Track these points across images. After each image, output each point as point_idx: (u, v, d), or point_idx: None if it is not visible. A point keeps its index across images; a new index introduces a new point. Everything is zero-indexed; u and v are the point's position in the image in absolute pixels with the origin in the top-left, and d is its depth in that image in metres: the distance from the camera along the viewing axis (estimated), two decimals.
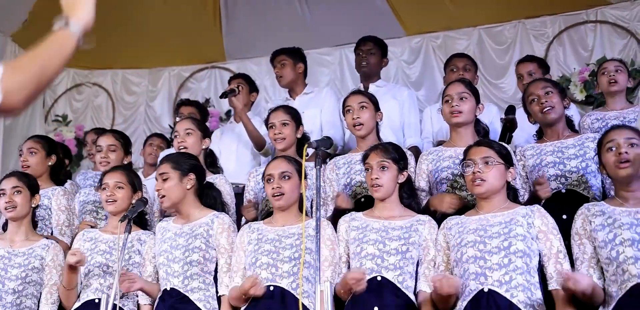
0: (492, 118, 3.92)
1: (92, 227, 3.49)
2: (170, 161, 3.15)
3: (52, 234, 3.66)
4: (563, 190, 3.12)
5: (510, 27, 5.52)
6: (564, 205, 3.01)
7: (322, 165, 2.85)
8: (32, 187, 3.36)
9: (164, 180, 3.09)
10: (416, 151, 3.88)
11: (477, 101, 3.35)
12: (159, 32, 5.99)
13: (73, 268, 3.04)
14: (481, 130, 3.42)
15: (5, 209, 3.25)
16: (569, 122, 3.40)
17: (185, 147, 3.61)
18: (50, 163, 3.85)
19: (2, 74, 1.29)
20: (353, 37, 4.91)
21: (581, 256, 2.64)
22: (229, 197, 3.48)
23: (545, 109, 3.22)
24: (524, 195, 3.16)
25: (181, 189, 3.10)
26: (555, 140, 3.26)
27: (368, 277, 2.71)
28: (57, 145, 4.12)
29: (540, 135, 3.39)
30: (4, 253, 3.21)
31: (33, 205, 3.35)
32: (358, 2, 5.56)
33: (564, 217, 2.92)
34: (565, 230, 2.73)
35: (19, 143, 5.32)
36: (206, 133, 3.77)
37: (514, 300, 2.51)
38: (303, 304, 2.65)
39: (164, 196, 3.09)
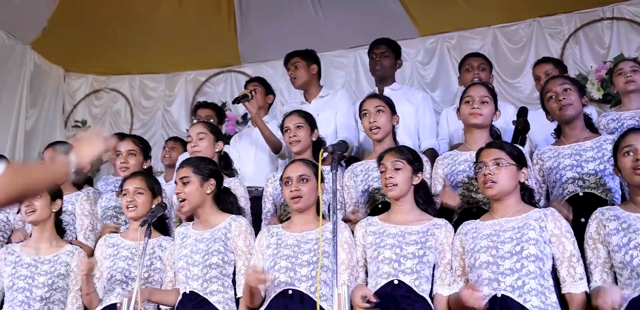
0: (508, 118, 3.90)
1: (113, 231, 3.53)
2: (191, 165, 3.18)
3: (76, 238, 3.71)
4: (581, 193, 3.10)
5: (525, 26, 5.51)
6: (582, 208, 2.98)
7: (338, 169, 2.86)
8: (55, 194, 3.41)
9: (185, 184, 3.12)
10: (432, 153, 3.89)
11: (496, 106, 3.35)
12: (174, 37, 6.05)
13: (87, 275, 3.10)
14: (494, 133, 3.41)
15: (26, 212, 3.30)
16: (588, 121, 3.36)
17: (198, 151, 3.64)
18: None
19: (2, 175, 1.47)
20: (367, 39, 4.91)
21: (595, 260, 2.64)
22: (243, 200, 3.51)
23: (563, 106, 3.21)
24: (539, 199, 3.14)
25: (201, 193, 3.12)
26: (573, 142, 3.23)
27: (385, 281, 2.74)
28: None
29: (559, 134, 3.37)
30: (30, 261, 3.26)
31: (54, 210, 3.39)
32: (371, 3, 5.56)
33: (582, 220, 2.90)
34: (583, 233, 2.72)
35: (40, 148, 5.43)
36: (219, 136, 3.80)
37: (527, 305, 2.50)
38: (321, 307, 2.68)
39: (184, 200, 3.12)
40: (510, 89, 5.38)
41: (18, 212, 3.52)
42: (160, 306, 3.16)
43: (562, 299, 2.61)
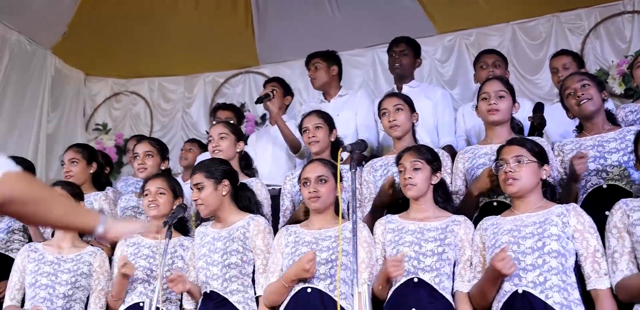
0: (525, 114, 3.87)
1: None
2: (202, 170, 3.20)
3: (95, 238, 3.75)
4: (604, 186, 3.06)
5: (544, 22, 5.45)
6: (606, 200, 2.93)
7: (357, 168, 2.85)
8: (77, 196, 3.45)
9: (199, 189, 3.14)
10: (450, 150, 3.88)
11: (514, 100, 3.32)
12: (192, 39, 6.08)
13: (126, 277, 3.12)
14: (515, 126, 3.39)
15: None
16: (610, 116, 3.32)
17: (220, 151, 3.66)
18: (91, 171, 3.94)
19: (16, 175, 1.31)
20: (385, 38, 4.90)
21: (620, 250, 2.58)
22: (265, 201, 3.53)
23: (582, 101, 3.17)
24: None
25: (217, 196, 3.15)
26: (595, 134, 3.20)
27: (405, 279, 2.72)
28: (96, 152, 4.21)
29: (580, 131, 3.33)
30: (53, 259, 3.31)
31: None
32: (388, 1, 5.54)
33: (607, 213, 2.82)
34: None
35: (61, 151, 5.49)
36: (240, 136, 3.82)
37: (549, 301, 2.47)
38: (341, 306, 2.67)
39: (201, 205, 3.14)
40: (530, 85, 5.33)
41: None
42: (184, 306, 3.18)
43: (586, 296, 2.57)
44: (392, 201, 3.23)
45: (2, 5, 5.33)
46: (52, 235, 3.52)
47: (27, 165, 4.06)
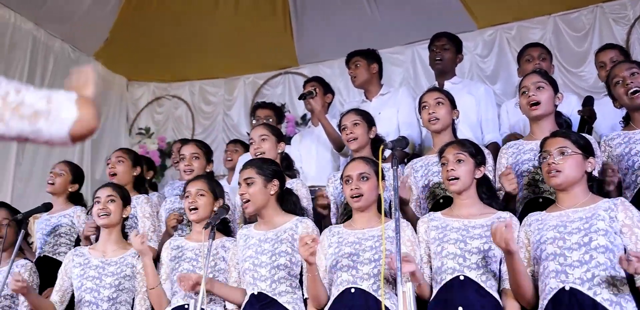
0: (571, 109, 3.78)
1: (179, 221, 3.59)
2: (255, 166, 3.19)
3: None
4: None
5: (587, 13, 5.33)
6: None
7: (399, 166, 2.82)
8: (125, 199, 3.49)
9: (249, 184, 3.14)
10: (495, 147, 3.81)
11: (556, 91, 3.24)
12: (232, 41, 6.13)
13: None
14: (563, 123, 3.30)
15: (99, 215, 3.39)
16: None
17: (262, 153, 3.66)
18: (135, 173, 3.99)
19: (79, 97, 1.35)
20: (424, 34, 4.87)
21: None
22: (305, 201, 3.52)
23: (631, 90, 3.07)
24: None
25: (265, 194, 3.14)
26: None
27: (450, 277, 2.69)
28: (141, 158, 4.27)
29: (627, 121, 3.23)
30: (98, 263, 3.35)
31: (124, 216, 3.47)
32: None
33: None
34: None
35: (105, 155, 5.59)
36: (281, 137, 3.82)
37: (598, 298, 2.40)
38: (385, 306, 2.64)
39: (248, 201, 3.13)
40: (574, 78, 5.22)
41: (88, 213, 3.61)
42: (227, 307, 3.19)
43: (635, 292, 2.49)
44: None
45: (45, 14, 5.45)
46: (97, 239, 3.57)
47: (77, 169, 4.13)
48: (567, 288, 2.46)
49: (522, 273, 2.56)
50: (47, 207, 3.81)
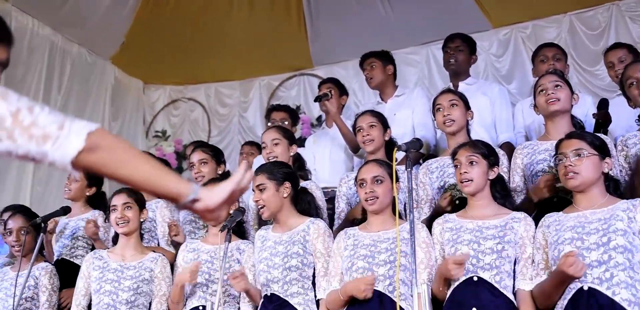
0: (587, 110, 3.76)
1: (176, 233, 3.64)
2: (265, 172, 3.22)
3: (158, 244, 3.82)
4: None
5: (603, 11, 5.29)
6: None
7: (413, 168, 2.83)
8: (140, 203, 3.52)
9: (261, 191, 3.16)
10: (509, 147, 3.80)
11: (571, 92, 3.24)
12: (246, 44, 6.15)
13: (182, 284, 3.19)
14: (576, 124, 3.29)
15: (117, 224, 3.42)
16: None
17: (274, 157, 3.69)
18: None
19: (95, 131, 1.31)
20: (438, 34, 4.86)
21: None
22: (320, 203, 3.53)
23: None
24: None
25: (279, 198, 3.16)
26: None
27: (464, 278, 2.68)
28: (159, 161, 4.30)
29: None
30: (117, 266, 3.38)
31: (141, 220, 3.51)
32: None
33: None
34: None
35: None
36: (292, 140, 3.83)
37: (617, 298, 2.39)
38: (401, 307, 2.65)
39: (263, 206, 3.16)
40: (590, 77, 5.18)
41: (106, 220, 3.65)
42: (241, 308, 3.21)
43: None
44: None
45: (63, 19, 5.51)
46: (113, 242, 3.61)
47: (90, 174, 4.17)
48: (585, 288, 2.45)
49: (562, 290, 2.55)
50: (65, 211, 3.86)
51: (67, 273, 3.66)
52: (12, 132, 1.28)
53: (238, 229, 3.43)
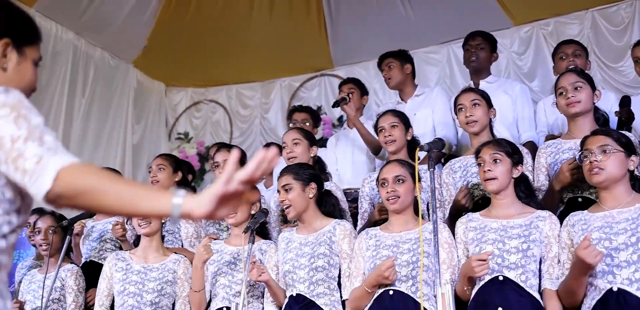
0: (610, 106, 3.71)
1: (215, 239, 3.65)
2: (291, 172, 3.23)
3: (182, 246, 3.85)
4: None
5: (626, 6, 5.21)
6: None
7: (436, 167, 2.82)
8: None
9: (287, 191, 3.17)
10: (532, 146, 3.77)
11: (593, 88, 3.20)
12: (267, 45, 6.17)
13: (203, 265, 3.23)
14: (600, 117, 3.25)
15: (140, 225, 3.46)
16: None
17: (294, 157, 3.70)
18: (176, 179, 4.06)
19: (66, 167, 1.29)
20: (459, 33, 4.83)
21: None
22: (342, 204, 3.53)
23: None
24: None
25: (304, 198, 3.17)
26: None
27: (489, 277, 2.67)
28: (182, 163, 4.34)
29: None
30: (140, 268, 3.41)
31: (163, 221, 3.54)
32: None
33: None
34: None
35: (146, 160, 5.69)
36: (313, 141, 3.84)
37: None
38: (424, 308, 2.65)
39: (288, 207, 3.17)
40: (614, 73, 5.11)
41: (128, 221, 3.69)
42: (265, 308, 3.22)
43: None
44: (468, 209, 3.16)
45: (85, 24, 5.58)
46: (135, 243, 3.64)
47: None
48: (614, 289, 2.43)
49: (585, 283, 2.53)
50: (91, 213, 3.91)
51: (95, 275, 3.69)
52: (6, 159, 1.30)
53: (260, 230, 3.44)
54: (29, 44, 1.52)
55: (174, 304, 3.39)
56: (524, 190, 2.92)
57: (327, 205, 3.27)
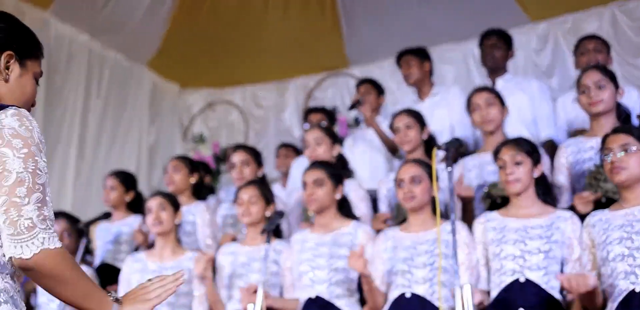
0: (633, 103, 3.65)
1: (233, 239, 3.63)
2: (325, 168, 3.22)
3: (199, 247, 3.84)
4: None
5: None
6: None
7: (453, 167, 2.78)
8: (175, 205, 3.55)
9: (318, 185, 3.15)
10: (551, 145, 3.72)
11: (616, 86, 3.14)
12: (281, 45, 6.15)
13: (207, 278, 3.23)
14: (622, 113, 3.20)
15: (153, 224, 3.45)
16: None
17: (317, 156, 3.67)
18: (193, 182, 4.04)
19: (51, 250, 1.38)
20: (475, 30, 4.77)
21: None
22: (365, 202, 3.53)
23: None
24: None
25: (331, 197, 3.17)
26: None
27: (511, 279, 2.64)
28: (198, 164, 4.33)
29: None
30: (155, 267, 3.41)
31: (176, 222, 3.52)
32: None
33: None
34: None
35: (161, 162, 5.69)
36: (335, 139, 3.81)
37: None
38: None
39: (314, 200, 3.14)
40: (634, 69, 5.02)
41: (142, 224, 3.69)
42: None
43: None
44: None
45: (100, 26, 5.58)
46: (150, 245, 3.63)
47: (127, 177, 4.19)
48: (637, 290, 2.37)
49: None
50: (107, 216, 3.90)
51: (111, 277, 3.69)
52: (5, 193, 1.36)
53: (275, 230, 3.43)
54: (31, 58, 1.57)
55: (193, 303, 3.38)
56: (543, 189, 2.88)
57: (344, 209, 3.26)
